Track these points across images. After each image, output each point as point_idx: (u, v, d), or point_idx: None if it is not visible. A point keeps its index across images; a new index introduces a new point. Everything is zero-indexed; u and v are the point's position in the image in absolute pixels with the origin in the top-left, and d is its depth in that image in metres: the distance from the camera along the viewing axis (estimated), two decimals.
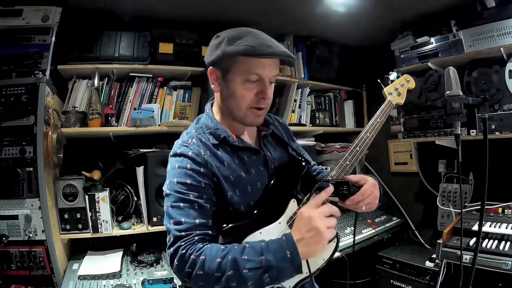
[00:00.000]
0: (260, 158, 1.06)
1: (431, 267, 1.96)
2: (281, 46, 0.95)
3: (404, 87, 1.24)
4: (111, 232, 1.89)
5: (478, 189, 2.19)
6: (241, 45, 0.90)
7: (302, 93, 2.63)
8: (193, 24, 2.20)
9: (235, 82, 0.95)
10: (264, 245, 0.86)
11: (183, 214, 0.90)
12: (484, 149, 1.11)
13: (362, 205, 1.00)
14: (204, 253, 0.85)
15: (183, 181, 0.92)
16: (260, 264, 0.83)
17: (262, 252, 0.84)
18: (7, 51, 1.75)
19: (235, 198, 0.98)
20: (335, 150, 2.65)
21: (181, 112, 2.20)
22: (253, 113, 0.98)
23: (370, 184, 1.02)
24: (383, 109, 1.16)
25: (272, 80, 0.98)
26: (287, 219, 0.98)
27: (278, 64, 0.99)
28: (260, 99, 0.97)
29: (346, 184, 0.97)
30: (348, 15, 2.20)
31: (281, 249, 0.85)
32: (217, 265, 0.83)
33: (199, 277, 0.84)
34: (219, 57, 0.94)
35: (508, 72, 1.93)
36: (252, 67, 0.93)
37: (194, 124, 1.07)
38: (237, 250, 0.85)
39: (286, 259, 0.84)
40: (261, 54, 0.90)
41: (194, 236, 0.88)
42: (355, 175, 1.04)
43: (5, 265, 1.65)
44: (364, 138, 1.09)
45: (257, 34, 0.94)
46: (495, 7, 1.93)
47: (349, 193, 0.98)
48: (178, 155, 0.96)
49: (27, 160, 1.67)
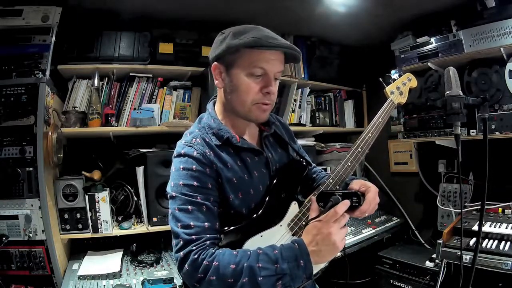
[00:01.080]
0: (262, 159, 1.05)
1: (431, 267, 1.96)
2: (286, 41, 0.95)
3: (406, 85, 1.20)
4: (111, 232, 1.89)
5: (478, 189, 2.19)
6: (247, 38, 0.90)
7: (302, 93, 2.63)
8: (193, 24, 2.21)
9: (239, 76, 0.94)
10: (278, 253, 0.86)
11: (191, 218, 0.89)
12: (484, 149, 1.11)
13: (367, 213, 1.00)
14: (218, 258, 0.85)
15: (189, 183, 0.91)
16: (275, 272, 0.84)
17: (277, 261, 0.85)
18: (7, 51, 1.75)
19: (237, 201, 0.97)
20: (335, 150, 2.65)
21: (181, 112, 2.20)
22: (258, 108, 0.97)
23: (373, 192, 1.00)
24: (385, 109, 1.13)
25: (277, 76, 0.98)
26: (288, 222, 0.98)
27: (283, 60, 0.99)
28: (264, 94, 0.96)
29: (355, 196, 0.96)
30: (348, 15, 2.20)
31: (295, 258, 0.86)
32: (231, 271, 0.83)
33: (211, 282, 0.84)
34: (224, 50, 0.93)
35: (508, 72, 1.92)
36: (257, 60, 0.93)
37: (196, 123, 1.06)
38: (252, 257, 0.85)
39: (300, 268, 0.85)
40: (266, 45, 0.90)
41: (205, 241, 0.88)
42: (355, 182, 1.03)
43: (5, 265, 1.65)
44: (366, 138, 1.07)
45: (262, 29, 0.95)
46: (495, 7, 1.93)
47: (359, 204, 0.96)
48: (183, 156, 0.95)
49: (27, 160, 1.67)
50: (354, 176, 1.14)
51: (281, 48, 0.93)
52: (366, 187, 1.01)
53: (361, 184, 1.01)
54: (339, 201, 0.92)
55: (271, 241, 0.94)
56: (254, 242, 0.93)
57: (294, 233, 0.97)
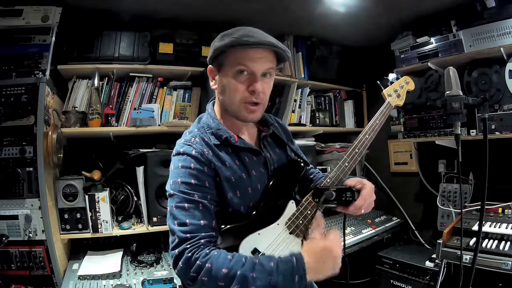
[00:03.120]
0: (261, 159, 1.06)
1: (431, 267, 1.96)
2: (270, 37, 0.94)
3: (404, 88, 1.24)
4: (111, 232, 1.89)
5: (478, 189, 2.19)
6: (228, 39, 0.92)
7: (302, 93, 2.63)
8: (193, 24, 2.20)
9: (227, 76, 0.96)
10: (274, 266, 0.85)
11: (188, 215, 0.89)
12: (484, 149, 1.11)
13: (362, 210, 1.00)
14: (211, 260, 0.84)
15: (187, 181, 0.92)
16: (268, 284, 0.83)
17: (271, 273, 0.84)
18: (7, 51, 1.75)
19: (235, 199, 0.97)
20: (335, 150, 2.65)
21: (181, 112, 2.20)
22: (246, 108, 0.98)
23: (368, 188, 1.01)
24: (382, 111, 1.16)
25: (265, 73, 0.97)
26: (285, 220, 0.99)
27: (271, 58, 0.98)
28: (251, 93, 0.96)
29: (349, 191, 0.97)
30: (348, 15, 2.20)
31: (291, 272, 0.85)
32: (223, 275, 0.82)
33: (203, 283, 0.84)
34: (212, 53, 0.97)
35: (508, 72, 1.93)
36: (240, 58, 0.94)
37: (195, 123, 1.07)
38: (247, 266, 0.84)
39: (294, 283, 0.84)
40: (243, 44, 0.91)
41: (200, 239, 0.88)
42: (351, 179, 1.04)
43: (5, 265, 1.65)
44: (363, 140, 1.09)
45: (247, 29, 0.95)
46: (495, 7, 1.93)
47: (353, 199, 0.97)
48: (181, 154, 0.96)
49: (27, 160, 1.67)
50: (351, 176, 1.15)
51: (259, 46, 0.93)
52: (361, 184, 1.02)
53: (357, 181, 1.03)
54: (332, 195, 0.94)
55: (268, 239, 0.95)
56: (251, 240, 0.94)
57: (291, 232, 0.98)
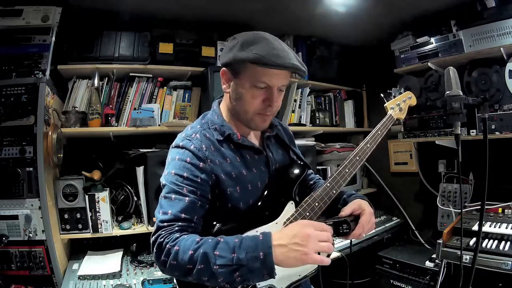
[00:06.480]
0: (262, 158, 1.07)
1: (431, 267, 1.96)
2: (292, 57, 0.93)
3: (406, 103, 1.29)
4: (111, 232, 1.89)
5: (478, 189, 2.19)
6: (251, 52, 0.90)
7: (302, 93, 2.63)
8: (193, 24, 2.20)
9: (244, 87, 0.96)
10: (237, 242, 0.82)
11: (171, 206, 0.90)
12: (484, 149, 1.11)
13: (363, 235, 1.03)
14: (179, 243, 0.85)
15: (180, 173, 0.93)
16: (231, 262, 0.79)
17: (234, 249, 0.81)
18: (7, 51, 1.75)
19: (235, 194, 0.98)
20: (335, 150, 2.65)
21: (181, 112, 2.20)
22: (260, 118, 1.00)
23: (367, 214, 1.03)
24: (384, 123, 1.20)
25: (281, 88, 0.99)
26: (284, 220, 0.99)
27: (289, 74, 0.99)
28: (266, 106, 0.98)
29: (345, 223, 0.99)
30: (348, 15, 2.20)
31: (254, 248, 0.81)
32: (189, 257, 0.82)
33: (173, 267, 0.85)
34: (231, 60, 0.95)
35: (508, 72, 1.93)
36: (260, 75, 0.93)
37: (199, 119, 1.08)
38: (211, 244, 0.83)
39: (258, 260, 0.80)
40: (269, 64, 0.89)
41: (175, 226, 0.88)
42: (350, 205, 1.06)
43: (5, 265, 1.65)
44: (364, 148, 1.12)
45: (270, 42, 0.93)
46: (495, 7, 1.93)
47: (350, 230, 1.00)
48: (180, 147, 0.97)
49: (27, 160, 1.67)
50: (353, 192, 1.18)
51: (284, 69, 0.93)
52: (360, 209, 1.04)
53: (355, 207, 1.04)
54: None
55: None
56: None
57: None
